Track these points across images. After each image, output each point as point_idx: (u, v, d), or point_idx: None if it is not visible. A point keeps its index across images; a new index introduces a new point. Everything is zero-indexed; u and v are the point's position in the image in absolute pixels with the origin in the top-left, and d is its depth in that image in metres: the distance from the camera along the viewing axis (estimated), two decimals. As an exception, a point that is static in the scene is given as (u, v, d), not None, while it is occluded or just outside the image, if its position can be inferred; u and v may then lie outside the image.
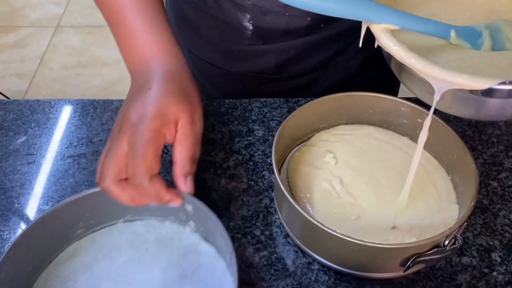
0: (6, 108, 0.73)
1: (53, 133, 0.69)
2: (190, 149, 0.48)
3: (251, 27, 0.71)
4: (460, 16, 0.52)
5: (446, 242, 0.49)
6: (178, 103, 0.48)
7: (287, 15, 0.68)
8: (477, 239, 0.57)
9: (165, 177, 0.61)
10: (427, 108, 0.57)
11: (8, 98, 1.61)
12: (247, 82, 0.80)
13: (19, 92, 2.02)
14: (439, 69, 0.41)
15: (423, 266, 0.53)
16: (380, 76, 0.81)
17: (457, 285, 0.53)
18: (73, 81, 2.06)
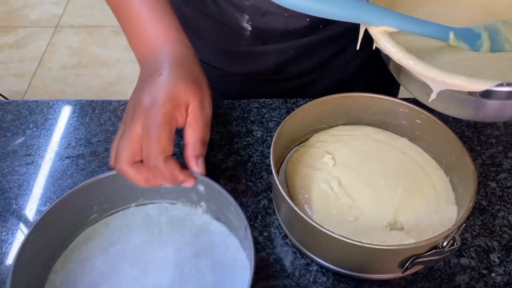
0: (4, 109, 0.73)
1: (52, 134, 0.69)
2: (201, 132, 0.50)
3: (250, 28, 0.71)
4: (459, 18, 0.51)
5: (445, 243, 0.49)
6: (188, 88, 0.49)
7: (286, 16, 0.68)
8: (476, 240, 0.57)
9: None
10: (425, 109, 0.57)
11: (7, 99, 1.61)
12: (246, 83, 0.80)
13: (19, 92, 2.02)
14: (437, 71, 0.41)
15: (422, 267, 0.53)
16: (379, 77, 0.81)
17: (456, 286, 0.53)
18: (73, 81, 2.06)
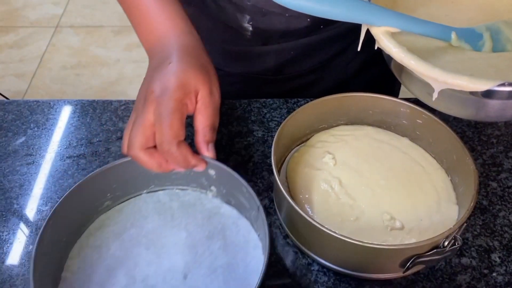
0: (5, 109, 0.73)
1: (52, 134, 0.69)
2: (210, 118, 0.51)
3: (251, 28, 0.71)
4: (460, 18, 0.52)
5: (446, 243, 0.49)
6: (198, 75, 0.50)
7: (287, 16, 0.68)
8: (477, 240, 0.57)
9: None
10: (426, 109, 0.57)
11: (8, 99, 1.61)
12: (247, 83, 0.80)
13: (19, 92, 2.02)
14: (439, 71, 0.41)
15: (423, 267, 0.53)
16: (380, 77, 0.81)
17: (457, 286, 0.53)
18: (73, 81, 2.06)
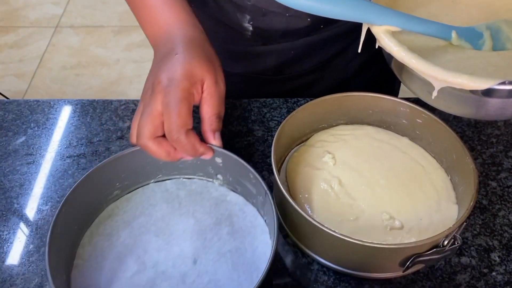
0: (6, 108, 0.73)
1: (53, 133, 0.69)
2: (216, 107, 0.52)
3: (251, 28, 0.71)
4: (460, 17, 0.52)
5: (446, 242, 0.49)
6: (203, 66, 0.52)
7: (287, 16, 0.68)
8: (476, 239, 0.57)
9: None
10: (426, 108, 0.57)
11: (8, 98, 1.61)
12: (247, 83, 0.80)
13: (19, 92, 2.02)
14: (440, 70, 0.41)
15: (423, 266, 0.53)
16: (380, 77, 0.81)
17: (456, 285, 0.53)
18: (73, 81, 2.06)
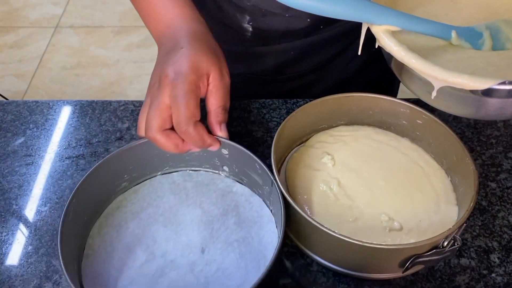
0: (5, 109, 0.73)
1: (52, 134, 0.69)
2: (222, 99, 0.53)
3: (251, 29, 0.71)
4: (460, 17, 0.52)
5: (445, 243, 0.49)
6: (209, 59, 0.53)
7: (287, 16, 0.68)
8: (476, 241, 0.57)
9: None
10: (426, 109, 0.57)
11: (7, 99, 1.60)
12: (247, 83, 0.80)
13: (18, 93, 2.02)
14: (439, 69, 0.41)
15: (422, 267, 0.53)
16: (380, 77, 0.81)
17: (456, 287, 0.53)
18: (72, 82, 2.06)
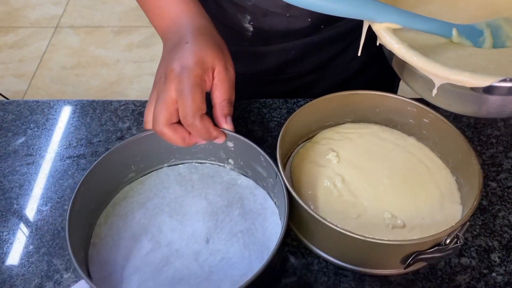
0: (5, 109, 0.73)
1: (52, 134, 0.69)
2: (227, 93, 0.53)
3: (251, 29, 0.71)
4: (461, 15, 0.52)
5: (448, 241, 0.49)
6: (214, 53, 0.53)
7: (288, 16, 0.68)
8: (476, 240, 0.57)
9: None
10: (433, 108, 0.57)
11: (7, 99, 1.60)
12: (247, 83, 0.80)
13: (18, 93, 2.02)
14: (441, 67, 0.41)
15: (424, 265, 0.53)
16: (380, 77, 0.81)
17: (456, 286, 0.53)
18: (72, 82, 2.06)
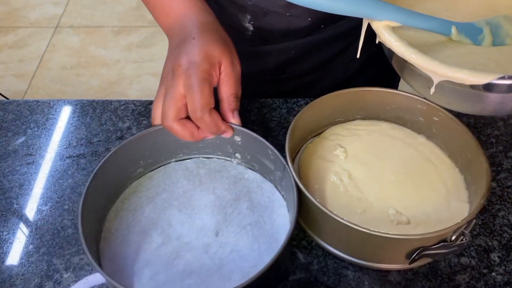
0: (5, 109, 0.73)
1: (52, 134, 0.69)
2: (234, 87, 0.54)
3: (252, 28, 0.71)
4: (460, 13, 0.52)
5: (453, 237, 0.49)
6: (220, 48, 0.54)
7: (288, 16, 0.68)
8: (476, 240, 0.57)
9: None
10: (443, 107, 0.57)
11: (7, 99, 1.61)
12: (247, 83, 0.79)
13: (18, 93, 2.02)
14: (440, 64, 0.41)
15: (427, 263, 0.53)
16: (379, 76, 0.81)
17: (456, 286, 0.53)
18: (72, 82, 2.06)
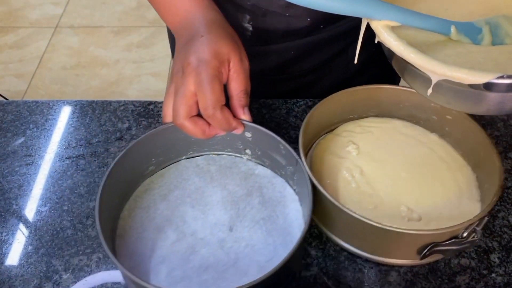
0: (5, 109, 0.73)
1: (52, 134, 0.69)
2: (243, 84, 0.54)
3: (251, 28, 0.71)
4: (460, 12, 0.52)
5: (465, 234, 0.49)
6: (228, 45, 0.54)
7: (287, 16, 0.68)
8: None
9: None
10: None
11: (7, 99, 1.60)
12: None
13: (18, 93, 2.02)
14: (439, 64, 0.41)
15: (441, 257, 0.54)
16: (379, 76, 0.81)
17: (456, 287, 0.53)
18: (72, 82, 2.06)
